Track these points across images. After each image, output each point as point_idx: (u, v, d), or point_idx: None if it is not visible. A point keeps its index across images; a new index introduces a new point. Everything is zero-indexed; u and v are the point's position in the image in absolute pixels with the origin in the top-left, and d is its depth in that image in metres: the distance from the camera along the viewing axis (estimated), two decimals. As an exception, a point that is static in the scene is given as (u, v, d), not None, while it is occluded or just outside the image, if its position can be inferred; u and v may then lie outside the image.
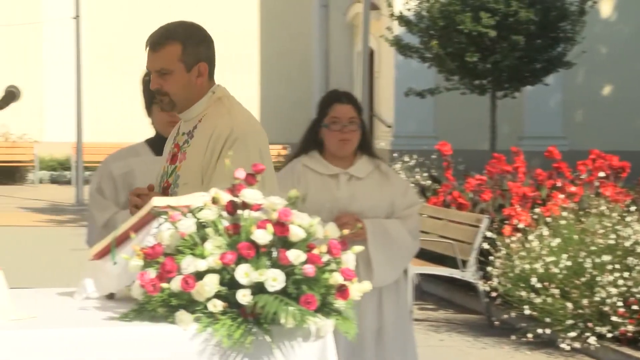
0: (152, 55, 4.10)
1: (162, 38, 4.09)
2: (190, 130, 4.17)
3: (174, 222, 3.25)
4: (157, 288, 3.13)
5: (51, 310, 3.37)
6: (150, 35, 4.13)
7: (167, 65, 4.07)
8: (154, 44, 4.10)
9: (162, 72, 4.07)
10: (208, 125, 4.13)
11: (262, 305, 3.08)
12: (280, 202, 3.24)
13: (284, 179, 5.13)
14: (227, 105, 4.22)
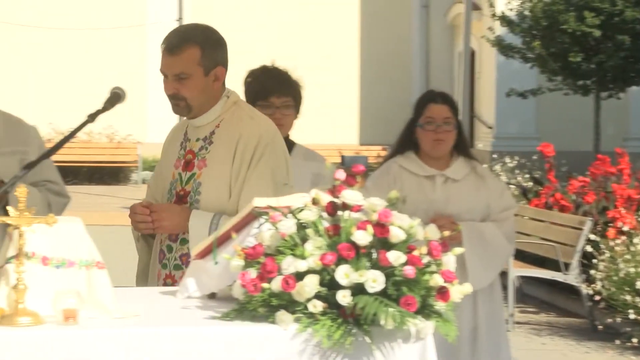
0: (170, 58, 4.00)
1: (180, 41, 4.00)
2: (206, 136, 4.10)
3: (274, 223, 3.27)
4: (258, 288, 3.15)
5: (154, 309, 3.42)
6: (167, 38, 4.04)
7: (186, 69, 3.99)
8: (171, 47, 4.00)
9: (180, 77, 3.99)
10: (230, 131, 4.08)
11: (362, 306, 3.07)
12: (380, 204, 3.23)
13: (379, 179, 5.12)
14: (247, 110, 4.18)
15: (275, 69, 4.94)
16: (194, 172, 4.07)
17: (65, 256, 3.29)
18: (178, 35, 4.04)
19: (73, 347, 3.01)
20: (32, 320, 3.10)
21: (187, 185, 4.07)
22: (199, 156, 4.08)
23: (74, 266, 3.29)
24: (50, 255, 3.28)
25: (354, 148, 26.67)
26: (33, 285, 3.15)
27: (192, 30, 4.08)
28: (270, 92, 4.83)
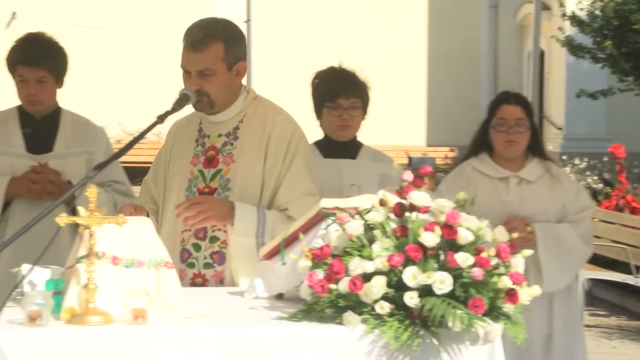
0: (194, 55, 3.94)
1: (205, 37, 3.94)
2: (229, 132, 4.06)
3: (342, 224, 3.27)
4: (325, 289, 3.15)
5: (222, 309, 3.44)
6: (189, 34, 3.98)
7: (210, 66, 3.95)
8: (195, 43, 3.94)
9: (204, 73, 3.94)
10: (257, 126, 4.05)
11: (429, 307, 3.06)
12: (448, 205, 3.22)
13: (452, 182, 5.09)
14: (270, 105, 4.16)
15: (343, 70, 4.94)
16: (220, 169, 4.03)
17: (135, 256, 3.33)
18: (201, 31, 3.97)
19: (142, 346, 3.04)
20: (102, 319, 3.13)
21: (213, 182, 4.02)
22: (224, 152, 4.04)
23: (143, 266, 3.32)
24: (120, 255, 3.32)
25: (421, 149, 26.57)
26: (103, 284, 3.19)
27: (215, 25, 4.02)
28: (338, 94, 4.83)
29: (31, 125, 4.82)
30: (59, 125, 4.85)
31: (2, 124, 4.84)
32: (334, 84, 4.87)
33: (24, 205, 4.71)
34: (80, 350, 3.01)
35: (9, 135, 4.80)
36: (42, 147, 4.81)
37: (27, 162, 4.75)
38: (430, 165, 3.35)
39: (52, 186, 4.67)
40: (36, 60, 4.69)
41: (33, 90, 4.70)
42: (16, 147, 4.79)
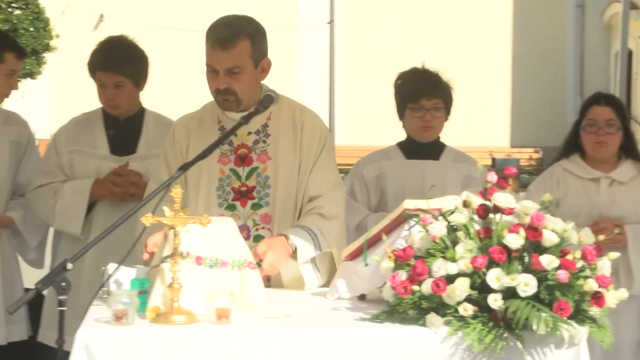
0: (222, 53, 3.88)
1: (232, 35, 3.89)
2: (259, 129, 4.01)
3: (425, 225, 3.25)
4: (408, 290, 3.14)
5: (304, 310, 3.44)
6: (215, 32, 3.91)
7: (239, 63, 3.89)
8: (224, 41, 3.87)
9: (232, 71, 3.89)
10: (286, 122, 4.03)
11: (513, 310, 3.04)
12: (533, 207, 3.19)
13: (542, 183, 5.03)
14: (293, 101, 4.13)
15: (426, 71, 4.91)
16: (256, 167, 3.99)
17: (218, 256, 3.35)
18: (228, 28, 3.91)
19: (226, 346, 3.06)
20: (187, 318, 3.16)
21: (249, 180, 3.99)
22: (256, 150, 4.00)
23: (226, 266, 3.35)
24: (204, 255, 3.35)
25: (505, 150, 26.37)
26: (187, 284, 3.22)
27: (240, 22, 3.97)
28: (420, 94, 4.80)
29: (115, 127, 4.86)
30: (142, 126, 4.89)
31: (87, 126, 4.89)
32: (417, 84, 4.85)
33: (107, 206, 4.76)
34: (165, 349, 3.04)
35: (94, 137, 4.85)
36: (126, 149, 4.85)
37: (111, 164, 4.80)
38: (515, 167, 3.32)
39: (135, 188, 4.71)
40: (113, 65, 4.72)
41: (111, 95, 4.75)
42: (101, 149, 4.83)
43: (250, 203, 3.97)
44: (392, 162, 4.92)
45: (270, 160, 4.00)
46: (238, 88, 3.89)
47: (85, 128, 4.88)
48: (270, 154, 4.00)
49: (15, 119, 5.13)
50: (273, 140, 4.01)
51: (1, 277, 4.96)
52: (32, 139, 5.16)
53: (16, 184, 5.05)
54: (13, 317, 4.92)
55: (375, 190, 4.90)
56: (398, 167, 4.89)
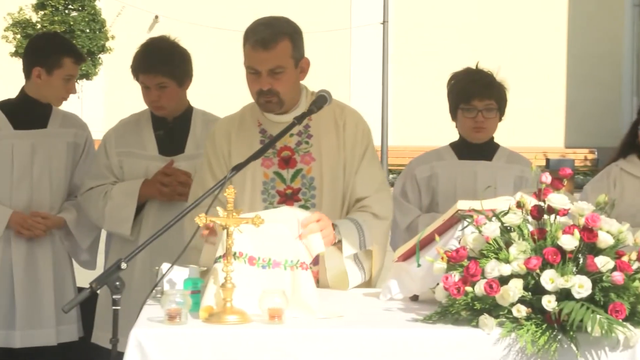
0: (264, 53, 3.84)
1: (273, 35, 3.86)
2: (300, 131, 3.98)
3: (478, 226, 3.24)
4: (461, 291, 3.13)
5: (357, 311, 3.44)
6: (255, 33, 3.87)
7: (281, 63, 3.86)
8: (265, 41, 3.84)
9: (274, 71, 3.86)
10: (327, 122, 4.00)
11: (567, 312, 3.01)
12: (588, 208, 3.16)
13: (598, 182, 4.98)
14: (333, 100, 4.07)
15: (480, 71, 4.88)
16: (301, 168, 3.98)
17: (271, 256, 3.36)
18: (268, 28, 3.89)
19: (278, 346, 3.07)
20: (239, 318, 3.17)
21: (294, 183, 3.97)
22: (299, 151, 3.98)
23: (279, 267, 3.36)
24: (257, 256, 3.36)
25: (560, 151, 26.19)
26: (240, 284, 3.23)
27: (279, 22, 3.95)
28: (473, 95, 4.78)
29: (163, 127, 4.87)
30: (189, 125, 4.89)
31: (136, 127, 4.90)
32: (469, 85, 4.82)
33: (156, 206, 4.78)
34: (217, 348, 3.06)
35: (142, 138, 4.85)
36: (174, 149, 4.85)
37: (160, 164, 4.79)
38: (570, 167, 3.29)
39: (183, 187, 4.71)
40: (154, 67, 4.72)
41: (155, 96, 4.75)
42: (149, 149, 4.83)
43: (297, 205, 3.96)
44: (444, 162, 4.90)
45: (315, 161, 3.99)
46: (280, 88, 3.88)
47: (134, 129, 4.89)
48: (314, 155, 3.99)
49: (74, 121, 5.18)
50: (316, 140, 4.00)
51: (53, 278, 5.01)
52: (91, 140, 5.20)
53: (72, 185, 5.10)
54: (64, 318, 4.97)
55: (427, 191, 4.88)
56: (450, 168, 4.87)
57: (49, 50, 5.01)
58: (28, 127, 5.03)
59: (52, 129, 5.06)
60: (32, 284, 4.97)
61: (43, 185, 5.01)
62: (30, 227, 4.93)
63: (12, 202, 4.97)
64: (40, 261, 4.99)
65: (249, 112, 4.09)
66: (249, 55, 3.89)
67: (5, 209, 4.94)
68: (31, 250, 4.98)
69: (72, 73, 5.01)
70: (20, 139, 5.00)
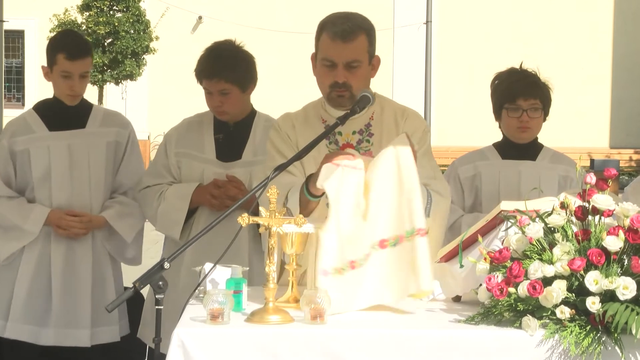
0: (343, 45, 3.82)
1: (352, 28, 3.84)
2: (362, 129, 3.99)
3: (522, 227, 3.22)
4: (504, 292, 3.12)
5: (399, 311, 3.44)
6: (333, 25, 3.85)
7: (359, 57, 3.85)
8: (345, 33, 3.83)
9: (351, 65, 3.84)
10: (389, 122, 3.99)
11: (612, 313, 2.99)
12: (633, 209, 3.13)
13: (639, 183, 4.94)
14: (393, 101, 4.09)
15: (524, 71, 4.86)
16: None
17: (396, 233, 3.43)
18: (347, 21, 3.87)
19: (320, 346, 3.07)
20: (281, 318, 3.17)
21: None
22: (360, 149, 3.98)
23: (402, 241, 3.42)
24: (386, 236, 3.43)
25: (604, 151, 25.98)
26: (375, 273, 3.38)
27: (356, 17, 3.93)
28: (517, 95, 4.75)
29: (224, 131, 4.82)
30: (250, 131, 4.84)
31: (198, 128, 4.87)
32: (514, 84, 4.80)
33: (207, 212, 4.76)
34: (260, 348, 3.06)
35: (202, 141, 4.82)
36: (232, 154, 4.80)
37: (216, 169, 4.77)
38: (615, 168, 3.26)
39: (231, 201, 4.65)
40: (218, 73, 4.69)
41: (218, 102, 4.73)
42: (207, 153, 4.81)
43: None
44: (488, 162, 4.88)
45: None
46: (354, 83, 3.87)
47: (196, 130, 4.87)
48: (374, 154, 3.94)
49: (115, 120, 5.17)
50: (376, 140, 4.00)
51: (91, 279, 5.00)
52: (133, 138, 5.18)
53: (117, 183, 5.10)
54: (101, 320, 4.97)
55: (470, 191, 4.86)
56: (493, 168, 4.84)
57: (48, 48, 4.99)
58: (65, 128, 5.02)
59: (90, 128, 5.05)
60: (69, 283, 4.97)
61: (82, 186, 5.00)
62: (67, 227, 4.93)
63: (52, 204, 4.97)
64: (79, 261, 4.99)
65: (312, 110, 4.09)
66: (326, 46, 3.87)
67: (43, 208, 4.94)
68: (71, 250, 4.99)
69: (68, 69, 4.92)
70: (56, 140, 5.00)
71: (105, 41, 23.07)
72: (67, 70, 4.94)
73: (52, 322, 4.93)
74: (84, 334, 4.95)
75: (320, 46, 3.90)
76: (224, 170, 4.76)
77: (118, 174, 5.10)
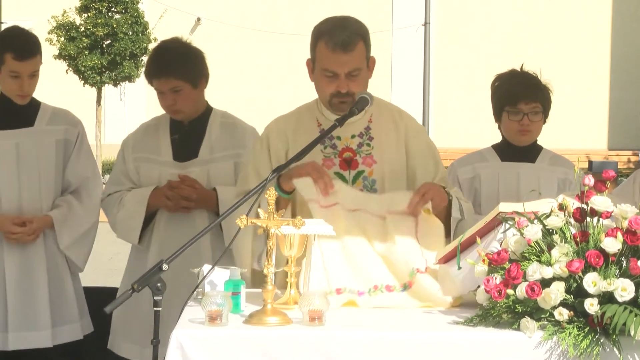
0: (345, 56, 3.82)
1: (351, 36, 3.83)
2: (362, 132, 3.98)
3: (520, 229, 3.22)
4: (503, 294, 3.12)
5: (397, 313, 3.44)
6: (333, 35, 3.83)
7: (359, 65, 3.86)
8: (345, 44, 3.81)
9: (352, 74, 3.84)
10: (388, 125, 4.01)
11: (610, 315, 2.99)
12: (631, 210, 3.13)
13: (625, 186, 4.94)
14: (387, 102, 4.10)
15: (525, 74, 4.84)
16: (362, 170, 3.96)
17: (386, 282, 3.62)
18: (345, 30, 3.85)
19: (318, 348, 3.07)
20: (280, 320, 3.17)
21: (356, 184, 3.94)
22: (361, 153, 3.97)
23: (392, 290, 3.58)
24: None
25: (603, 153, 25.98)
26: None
27: (350, 23, 3.91)
28: (519, 98, 4.74)
29: (179, 132, 4.76)
30: (205, 129, 4.78)
31: (154, 131, 4.81)
32: (515, 87, 4.78)
33: (166, 215, 4.71)
34: (258, 350, 3.06)
35: (158, 143, 4.76)
36: (188, 154, 4.74)
37: (172, 170, 4.71)
38: (613, 170, 3.27)
39: (187, 201, 4.63)
40: (166, 71, 4.62)
41: (170, 100, 4.65)
42: (164, 155, 4.75)
43: None
44: (487, 164, 4.88)
45: (376, 164, 3.98)
46: (356, 89, 3.86)
47: (152, 134, 4.82)
48: (376, 158, 3.99)
49: (64, 117, 5.01)
50: (377, 143, 4.00)
51: (47, 279, 4.88)
52: (83, 135, 5.02)
53: (65, 182, 4.97)
54: (62, 319, 4.88)
55: (469, 192, 4.86)
56: (493, 170, 4.84)
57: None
58: (13, 127, 4.89)
59: (39, 126, 4.92)
60: (25, 285, 4.85)
61: (32, 186, 4.88)
62: (17, 238, 4.80)
63: (1, 205, 4.84)
64: (33, 262, 4.87)
65: (306, 111, 4.07)
66: (326, 58, 3.86)
67: None
68: (24, 252, 4.87)
69: (16, 70, 4.80)
70: (3, 139, 4.87)
71: (104, 43, 23.04)
72: (15, 70, 4.81)
73: (10, 326, 4.82)
74: (45, 335, 4.85)
75: (319, 56, 3.89)
76: (180, 171, 4.71)
77: (65, 172, 4.97)
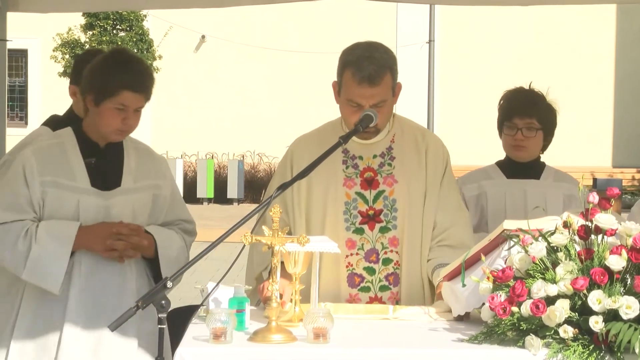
0: (371, 90, 3.82)
1: (379, 70, 3.83)
2: (383, 152, 4.00)
3: (524, 246, 3.22)
4: (507, 311, 3.11)
5: (402, 330, 3.43)
6: (361, 69, 3.81)
7: (385, 97, 3.87)
8: (372, 78, 3.81)
9: (377, 105, 3.84)
10: (409, 144, 4.02)
11: (615, 333, 2.98)
12: (636, 228, 3.13)
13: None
14: (411, 122, 4.11)
15: (528, 91, 4.85)
16: (383, 190, 3.98)
17: None
18: (372, 63, 3.84)
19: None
20: (284, 337, 3.17)
21: (377, 204, 3.96)
22: (382, 173, 3.99)
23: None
24: None
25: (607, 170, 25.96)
26: None
27: (379, 53, 3.90)
28: (514, 113, 4.76)
29: (94, 155, 4.05)
30: (123, 154, 4.12)
31: (60, 152, 4.04)
32: (513, 103, 4.81)
33: (89, 256, 3.97)
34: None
35: (70, 166, 4.00)
36: (109, 182, 4.04)
37: (95, 199, 3.97)
38: (617, 187, 3.27)
39: (134, 251, 3.98)
40: (143, 87, 4.05)
41: (134, 121, 4.04)
42: (80, 181, 3.99)
43: (378, 226, 3.98)
44: (493, 181, 4.88)
45: (397, 183, 4.00)
46: (380, 119, 3.86)
47: (59, 154, 4.03)
48: (397, 177, 4.00)
49: None
50: (398, 163, 4.01)
51: None
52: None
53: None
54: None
55: (475, 210, 4.86)
56: (498, 187, 4.84)
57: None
58: None
59: None
60: None
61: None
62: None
63: None
64: None
65: (330, 131, 4.06)
66: (352, 90, 3.86)
67: None
68: None
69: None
70: None
71: (109, 60, 23.09)
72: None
73: None
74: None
75: (345, 85, 3.89)
76: (103, 201, 3.99)
77: None
